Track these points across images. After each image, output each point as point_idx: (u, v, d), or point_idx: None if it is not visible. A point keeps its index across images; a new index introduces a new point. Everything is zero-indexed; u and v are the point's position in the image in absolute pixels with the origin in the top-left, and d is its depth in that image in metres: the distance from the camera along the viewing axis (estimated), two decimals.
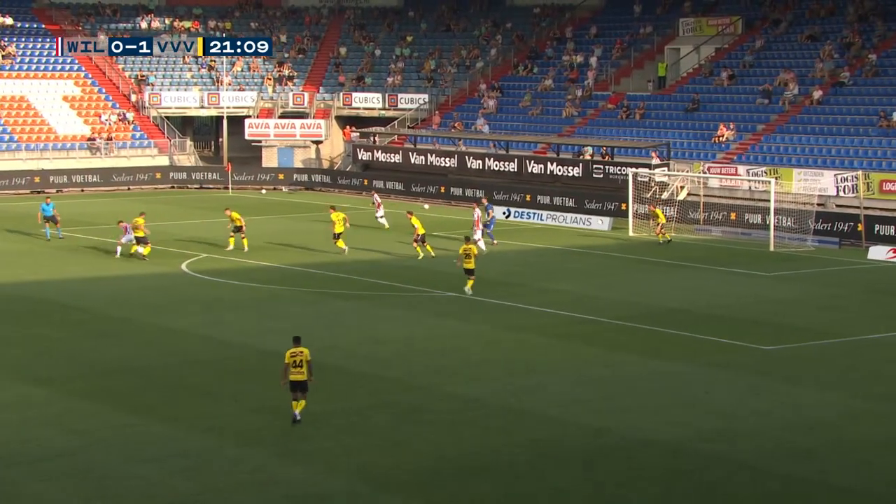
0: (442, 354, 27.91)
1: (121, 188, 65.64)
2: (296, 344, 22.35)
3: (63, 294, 34.73)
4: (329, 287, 36.56)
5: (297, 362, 22.06)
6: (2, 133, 66.57)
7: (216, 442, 21.03)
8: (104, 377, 25.45)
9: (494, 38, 74.90)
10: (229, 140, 70.73)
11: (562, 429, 22.10)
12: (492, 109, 68.36)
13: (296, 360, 22.06)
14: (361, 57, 76.76)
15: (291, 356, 22.08)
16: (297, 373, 22.02)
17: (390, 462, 20.15)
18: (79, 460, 19.91)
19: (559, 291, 36.26)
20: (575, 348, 28.74)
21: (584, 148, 59.91)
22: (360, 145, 68.12)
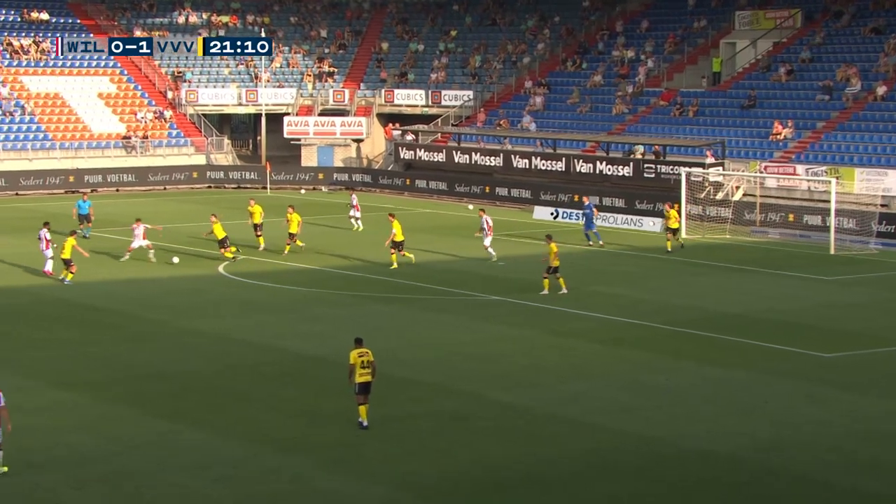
0: (487, 360, 27.88)
1: (156, 188, 66.16)
2: (359, 345, 22.36)
3: (97, 297, 35.04)
4: (368, 290, 36.63)
5: (365, 363, 22.13)
6: (36, 131, 67.32)
7: (253, 449, 21.12)
8: (139, 382, 25.65)
9: (542, 32, 74.77)
10: (268, 138, 71.12)
11: (612, 438, 22.00)
12: (539, 106, 68.25)
13: (364, 360, 22.14)
14: (404, 52, 76.91)
15: (360, 356, 22.13)
16: (365, 374, 22.13)
17: (433, 471, 20.14)
18: (114, 467, 20.07)
19: (609, 295, 36.11)
20: (625, 354, 28.61)
21: (634, 146, 59.65)
22: (402, 144, 68.24)
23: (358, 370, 22.04)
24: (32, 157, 65.45)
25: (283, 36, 78.81)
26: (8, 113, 67.47)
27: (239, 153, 76.06)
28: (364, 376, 22.08)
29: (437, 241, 47.16)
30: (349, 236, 47.68)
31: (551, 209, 55.93)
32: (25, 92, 69.81)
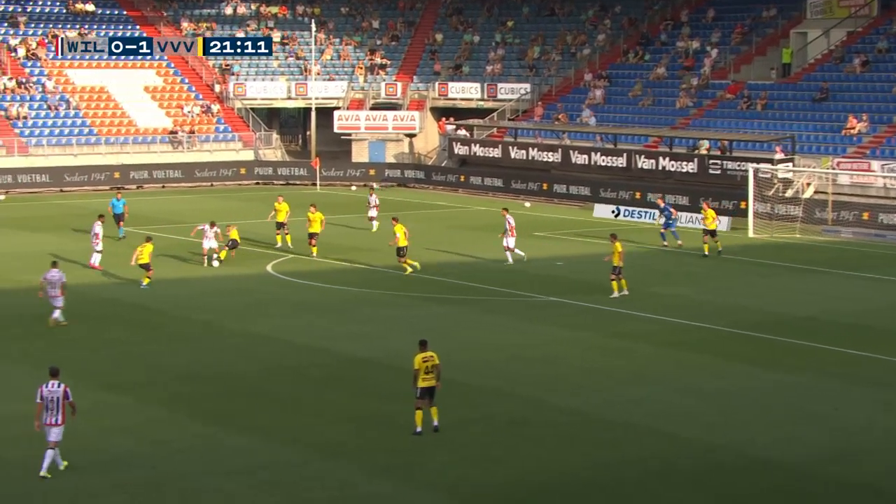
0: (543, 363, 27.87)
1: (203, 184, 66.73)
2: (423, 348, 22.47)
3: (143, 296, 35.42)
4: (421, 290, 36.72)
5: (429, 368, 22.25)
6: (81, 126, 68.18)
7: (299, 455, 21.27)
8: (183, 384, 25.91)
9: (602, 22, 74.51)
10: (317, 133, 71.47)
11: (672, 444, 21.91)
12: (599, 100, 68.02)
13: (428, 365, 22.25)
14: (459, 44, 76.97)
15: (423, 361, 22.23)
16: (429, 379, 22.24)
17: (487, 479, 20.15)
18: (158, 472, 20.29)
19: (670, 296, 35.95)
20: (687, 357, 28.47)
21: (699, 141, 59.28)
22: (456, 139, 68.30)
23: (422, 375, 22.13)
24: (77, 153, 66.27)
25: (333, 27, 79.18)
26: (53, 107, 68.41)
27: (288, 149, 76.53)
28: (427, 381, 22.17)
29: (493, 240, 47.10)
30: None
31: (612, 207, 55.75)
32: (70, 85, 70.74)
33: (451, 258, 42.05)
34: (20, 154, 64.72)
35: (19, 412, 23.29)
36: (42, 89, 69.51)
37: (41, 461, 19.85)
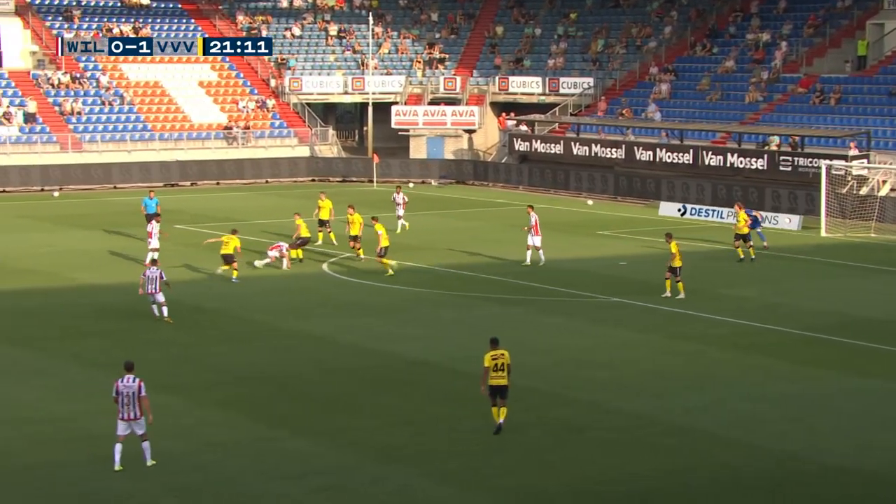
0: (606, 366, 27.71)
1: (258, 181, 67.10)
2: (494, 346, 22.57)
3: (196, 296, 35.66)
4: (480, 290, 36.66)
5: (499, 366, 22.35)
6: (135, 122, 68.84)
7: (356, 458, 21.29)
8: (239, 385, 26.04)
9: (669, 14, 74.02)
10: (374, 129, 71.63)
11: (742, 451, 21.69)
12: (665, 94, 67.59)
13: (497, 363, 22.35)
14: (520, 37, 76.82)
15: (493, 359, 22.34)
16: (499, 377, 22.33)
17: (546, 484, 20.06)
18: (214, 475, 20.40)
19: (739, 298, 35.62)
20: (757, 362, 28.19)
21: (769, 137, 58.72)
22: (516, 134, 68.17)
23: (491, 373, 22.26)
24: (131, 149, 66.94)
25: (391, 20, 79.33)
26: (107, 102, 69.13)
27: (344, 144, 76.78)
28: (498, 379, 22.28)
29: (554, 238, 46.95)
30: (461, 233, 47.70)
31: (678, 205, 55.36)
32: (125, 80, 71.45)
33: (510, 257, 41.91)
34: (74, 150, 65.48)
35: (76, 411, 23.55)
36: (96, 84, 70.30)
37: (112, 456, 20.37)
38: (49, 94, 68.47)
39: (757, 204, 53.14)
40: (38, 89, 68.55)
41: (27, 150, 64.66)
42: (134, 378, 20.60)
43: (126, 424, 20.47)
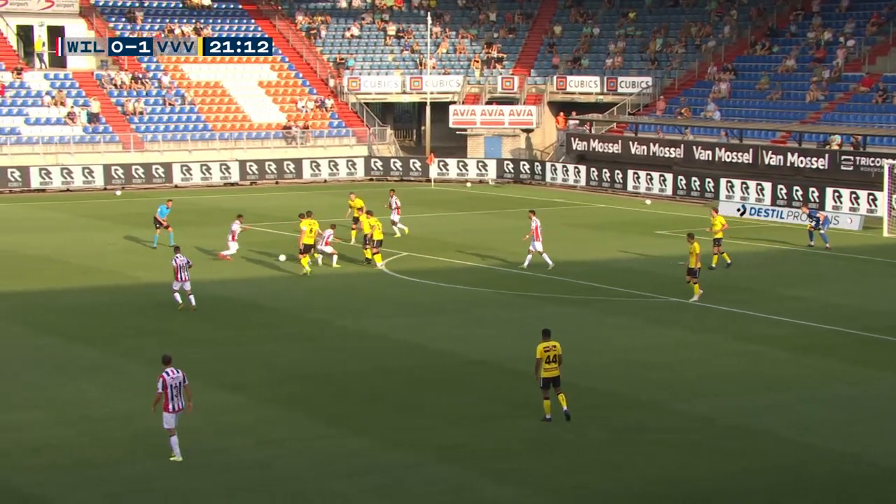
0: (666, 367, 27.47)
1: (316, 180, 67.31)
2: (546, 337, 22.89)
3: (255, 294, 35.81)
4: (538, 290, 36.50)
5: (552, 357, 22.69)
6: (196, 121, 69.32)
7: (415, 457, 21.23)
8: (297, 383, 26.07)
9: (729, 13, 73.39)
10: (432, 128, 71.64)
11: (803, 453, 21.42)
12: (724, 94, 67.01)
13: (550, 354, 22.67)
14: (578, 37, 76.52)
15: (545, 351, 22.65)
16: (552, 369, 22.69)
17: (607, 485, 19.90)
18: (272, 473, 20.42)
19: (800, 298, 35.21)
20: (818, 363, 27.83)
21: (830, 137, 58.02)
22: (574, 134, 67.89)
23: (544, 365, 22.57)
24: (192, 149, 67.41)
25: (449, 20, 79.33)
26: (169, 102, 69.67)
27: (402, 144, 76.87)
28: (551, 371, 22.63)
29: (612, 238, 46.73)
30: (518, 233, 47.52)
31: (738, 204, 54.85)
32: (186, 80, 71.98)
33: (568, 257, 41.71)
34: (136, 149, 66.05)
35: (137, 408, 23.68)
36: (158, 84, 70.86)
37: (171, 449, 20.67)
38: (112, 95, 69.14)
39: (817, 204, 52.56)
40: (101, 90, 69.25)
41: (90, 150, 65.31)
42: (178, 370, 20.96)
43: (174, 417, 20.75)
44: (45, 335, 30.39)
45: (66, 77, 69.38)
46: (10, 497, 19.38)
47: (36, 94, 67.38)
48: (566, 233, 46.66)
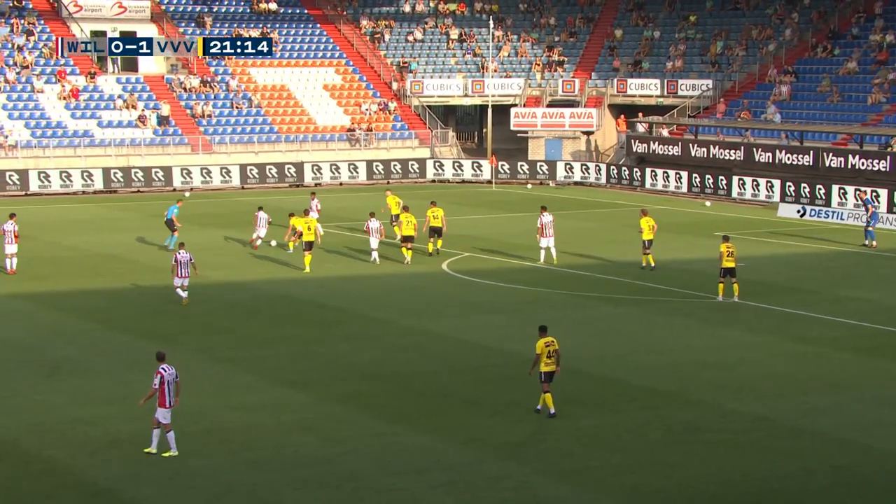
0: (724, 367, 27.38)
1: (380, 182, 67.60)
2: (544, 333, 23.53)
3: (319, 293, 36.12)
4: (596, 290, 36.49)
5: (551, 353, 23.33)
6: (262, 124, 69.94)
7: (477, 455, 21.37)
8: (361, 381, 26.31)
9: (790, 16, 72.78)
10: (493, 131, 71.70)
11: (863, 455, 21.28)
12: (785, 96, 66.48)
13: (549, 350, 23.31)
14: (639, 40, 76.25)
15: (546, 346, 23.29)
16: (550, 363, 23.33)
17: (665, 484, 19.91)
18: (335, 469, 20.65)
19: (861, 300, 34.90)
20: (878, 364, 27.60)
21: (892, 139, 57.36)
22: (635, 136, 67.66)
23: (543, 359, 23.19)
24: (258, 150, 68.02)
25: (511, 23, 79.37)
26: (237, 105, 70.35)
27: (463, 146, 77.01)
28: (549, 366, 23.23)
29: (672, 239, 46.56)
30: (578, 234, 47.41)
31: (798, 206, 54.42)
32: (253, 84, 72.64)
33: (628, 258, 41.64)
34: (204, 152, 66.77)
35: (205, 405, 24.04)
36: (226, 88, 71.57)
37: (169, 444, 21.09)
38: (181, 98, 69.95)
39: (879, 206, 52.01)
40: (171, 93, 70.08)
41: (160, 152, 66.12)
42: (171, 366, 21.34)
43: (168, 412, 21.12)
44: (121, 332, 30.88)
45: (137, 81, 70.28)
46: (84, 490, 19.77)
47: (108, 97, 68.35)
48: (626, 234, 46.54)
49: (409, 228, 40.87)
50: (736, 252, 35.02)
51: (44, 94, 67.16)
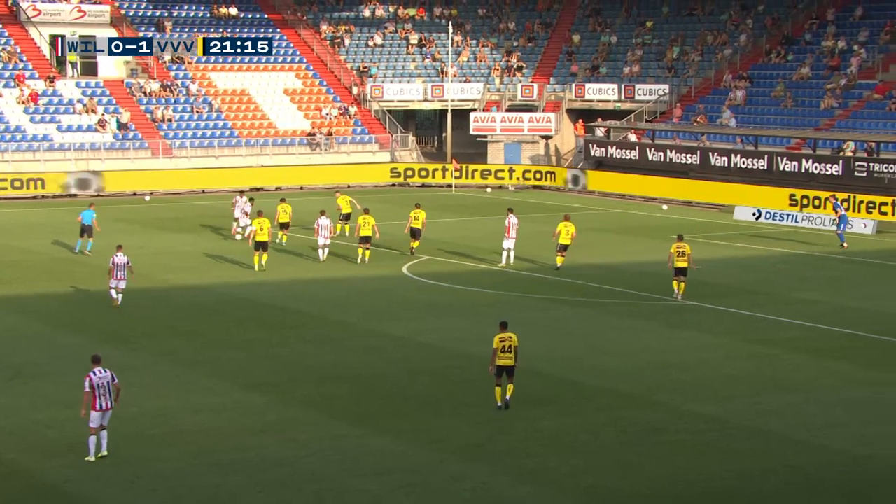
0: (680, 369, 27.59)
1: (340, 186, 67.45)
2: (503, 329, 23.94)
3: (281, 296, 36.06)
4: (555, 293, 36.66)
5: (507, 347, 23.69)
6: (223, 128, 69.71)
7: (437, 456, 21.42)
8: (322, 384, 26.30)
9: (744, 22, 73.40)
10: (453, 135, 71.84)
11: (816, 455, 21.50)
12: (740, 101, 67.03)
13: (505, 345, 23.69)
14: (596, 45, 76.63)
15: (501, 341, 23.67)
16: (506, 358, 23.69)
17: (623, 485, 20.05)
18: (297, 471, 20.63)
19: (813, 302, 35.26)
20: (830, 366, 27.89)
21: (844, 143, 57.97)
22: (592, 140, 67.98)
23: (499, 354, 23.56)
24: (219, 155, 67.78)
25: (470, 29, 79.53)
26: (197, 110, 70.08)
27: (424, 150, 77.09)
28: (505, 360, 23.64)
29: (630, 242, 46.85)
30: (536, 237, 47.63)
31: (753, 209, 54.88)
32: (213, 88, 72.38)
33: (586, 260, 41.86)
34: (164, 156, 66.46)
35: (167, 408, 23.95)
36: (186, 92, 71.27)
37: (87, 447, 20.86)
38: (141, 102, 69.59)
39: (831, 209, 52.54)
40: (130, 97, 69.70)
41: (120, 156, 65.76)
42: (105, 369, 21.05)
43: (101, 415, 20.92)
44: (81, 336, 30.70)
45: (96, 85, 69.86)
46: (45, 493, 19.66)
47: (68, 101, 67.89)
48: (583, 237, 46.76)
49: (366, 229, 41.48)
50: (689, 251, 35.29)
51: (2, 98, 66.64)
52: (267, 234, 40.13)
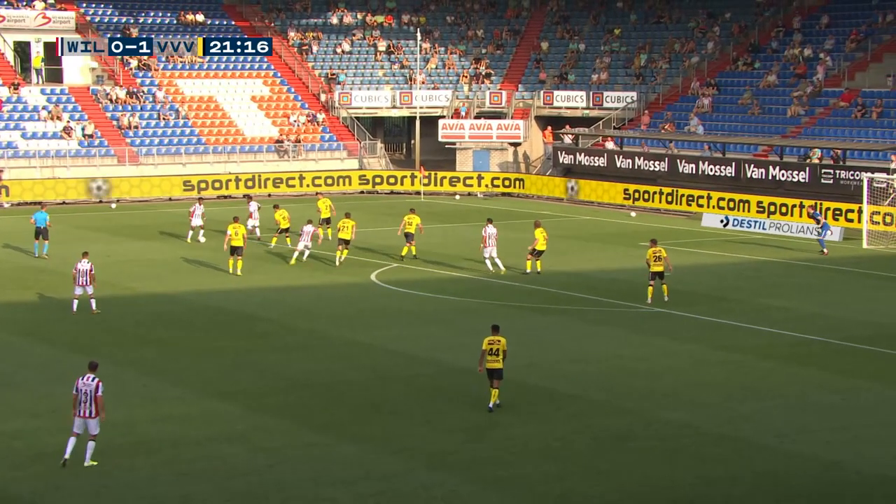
0: (651, 376, 27.65)
1: (308, 193, 67.35)
2: (494, 332, 24.30)
3: (250, 304, 35.91)
4: (526, 300, 36.67)
5: (494, 350, 24.02)
6: (190, 135, 69.42)
7: (407, 465, 21.37)
8: (291, 392, 26.19)
9: (711, 30, 73.78)
10: (422, 142, 71.83)
11: (785, 461, 21.58)
12: (707, 108, 67.35)
13: (493, 347, 24.02)
14: (564, 52, 76.83)
15: (489, 344, 24.04)
16: (494, 361, 24.04)
17: (594, 491, 20.06)
18: (265, 480, 20.53)
19: (781, 308, 35.43)
20: (800, 372, 28.03)
21: (811, 150, 58.35)
22: (561, 148, 68.12)
23: (487, 357, 23.92)
24: (186, 162, 67.49)
25: (439, 36, 79.58)
26: (164, 117, 69.77)
27: (392, 157, 77.05)
28: (493, 363, 24.01)
29: (599, 249, 46.95)
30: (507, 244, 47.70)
31: (721, 216, 55.13)
32: (180, 95, 72.08)
33: (554, 268, 41.90)
34: (131, 163, 66.10)
35: (134, 417, 23.79)
36: (153, 99, 70.94)
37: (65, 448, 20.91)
38: (107, 109, 69.20)
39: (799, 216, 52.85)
40: (96, 104, 69.31)
41: (86, 164, 65.34)
42: (93, 378, 20.99)
43: (82, 422, 20.87)
44: (48, 345, 30.48)
45: (62, 92, 69.41)
46: None
47: (32, 108, 67.43)
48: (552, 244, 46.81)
49: (345, 232, 42.08)
50: (665, 254, 35.48)
51: None
52: (241, 240, 40.11)
